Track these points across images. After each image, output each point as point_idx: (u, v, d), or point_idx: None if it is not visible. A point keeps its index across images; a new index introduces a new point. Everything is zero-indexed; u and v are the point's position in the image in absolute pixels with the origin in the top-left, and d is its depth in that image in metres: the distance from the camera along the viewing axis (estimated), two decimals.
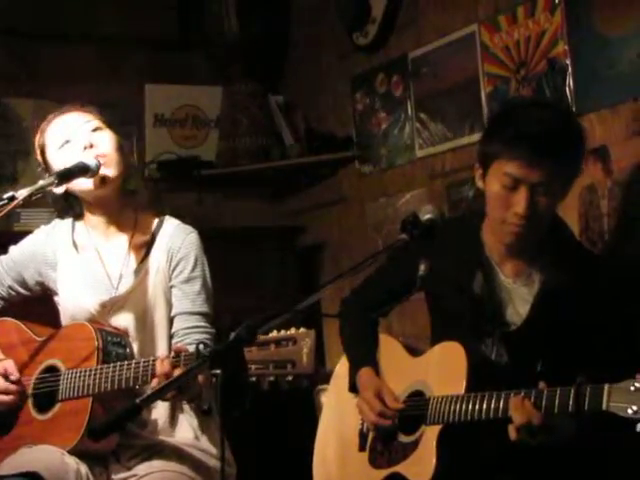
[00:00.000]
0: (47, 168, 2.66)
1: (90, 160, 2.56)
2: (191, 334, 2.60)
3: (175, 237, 2.68)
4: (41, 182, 2.48)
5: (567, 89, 3.06)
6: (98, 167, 2.56)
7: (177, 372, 2.35)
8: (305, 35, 4.41)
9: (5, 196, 2.39)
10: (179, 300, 2.64)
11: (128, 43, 4.31)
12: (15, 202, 2.39)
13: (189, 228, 2.73)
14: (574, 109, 2.99)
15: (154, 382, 2.38)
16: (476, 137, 3.42)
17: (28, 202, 2.45)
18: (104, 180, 2.59)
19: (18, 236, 2.84)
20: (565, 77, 3.07)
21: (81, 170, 2.54)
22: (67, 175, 2.53)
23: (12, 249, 2.80)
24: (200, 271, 2.67)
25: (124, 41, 4.30)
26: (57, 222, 2.80)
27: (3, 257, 2.80)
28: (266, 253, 4.16)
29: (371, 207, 3.96)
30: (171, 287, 2.65)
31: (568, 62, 3.06)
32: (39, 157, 2.69)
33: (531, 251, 2.44)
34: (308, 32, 4.38)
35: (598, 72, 2.96)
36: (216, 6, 4.40)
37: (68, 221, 2.77)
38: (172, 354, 2.41)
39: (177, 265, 2.65)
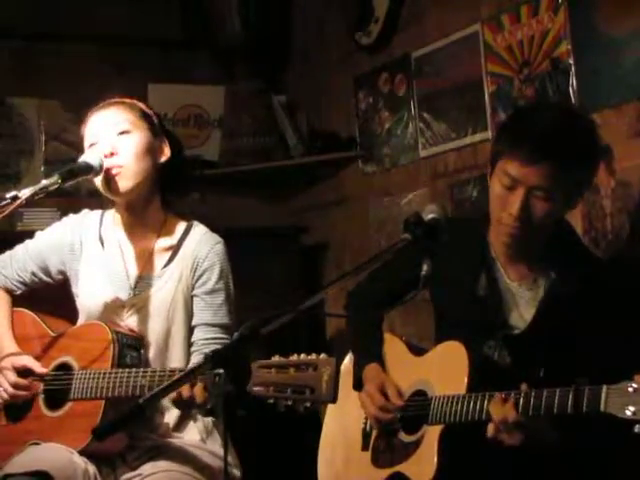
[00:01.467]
0: None
1: (94, 159, 2.54)
2: (209, 345, 2.57)
3: (202, 246, 2.64)
4: (44, 182, 2.46)
5: (570, 89, 3.05)
6: (101, 166, 2.55)
7: (197, 389, 2.33)
8: (308, 35, 4.41)
9: (8, 195, 2.38)
10: (201, 310, 2.62)
11: (131, 43, 4.30)
12: (18, 202, 2.37)
13: (216, 237, 2.68)
14: None
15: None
16: (479, 137, 3.42)
17: (31, 202, 2.44)
18: (114, 191, 2.58)
19: (21, 236, 2.82)
20: (568, 77, 3.06)
21: (84, 170, 2.54)
22: (70, 174, 2.52)
23: (38, 235, 2.78)
24: (224, 283, 2.64)
25: (127, 40, 4.30)
26: (86, 212, 2.79)
27: (29, 242, 2.77)
28: (268, 253, 4.14)
29: (374, 207, 3.96)
30: (193, 296, 2.62)
31: (571, 62, 3.05)
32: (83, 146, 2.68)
33: (535, 255, 2.42)
34: (311, 32, 4.38)
35: (601, 72, 2.96)
36: (219, 6, 4.41)
37: (97, 213, 2.76)
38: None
39: (201, 275, 2.62)
